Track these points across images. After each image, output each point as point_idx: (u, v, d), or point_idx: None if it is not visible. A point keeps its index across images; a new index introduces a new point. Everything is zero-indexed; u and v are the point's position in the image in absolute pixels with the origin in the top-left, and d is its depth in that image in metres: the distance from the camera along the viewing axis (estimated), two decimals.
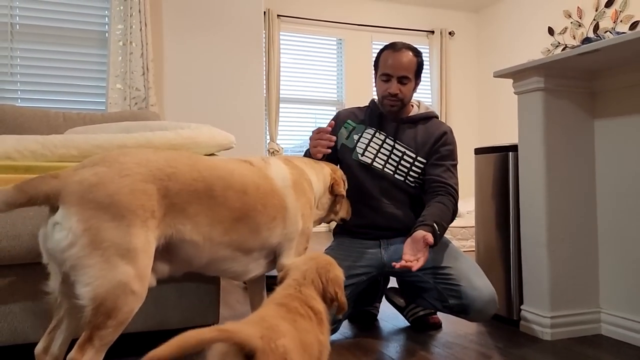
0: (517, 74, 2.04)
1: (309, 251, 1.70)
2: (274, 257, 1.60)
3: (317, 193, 1.76)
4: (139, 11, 3.86)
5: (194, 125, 2.14)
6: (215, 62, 4.42)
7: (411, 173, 2.02)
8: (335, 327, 1.96)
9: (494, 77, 2.14)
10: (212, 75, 4.43)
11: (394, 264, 1.65)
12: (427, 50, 6.38)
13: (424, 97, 6.28)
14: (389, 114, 2.06)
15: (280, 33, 5.73)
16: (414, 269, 1.60)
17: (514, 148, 2.14)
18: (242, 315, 2.29)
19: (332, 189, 1.86)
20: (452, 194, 1.94)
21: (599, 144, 2.03)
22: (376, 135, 2.07)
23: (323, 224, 5.79)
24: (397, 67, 1.98)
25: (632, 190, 1.90)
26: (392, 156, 2.03)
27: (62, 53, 3.91)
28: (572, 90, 2.01)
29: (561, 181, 1.99)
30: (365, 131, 2.09)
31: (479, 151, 2.33)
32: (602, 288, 2.01)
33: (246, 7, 4.52)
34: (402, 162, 2.02)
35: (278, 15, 5.67)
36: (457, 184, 1.98)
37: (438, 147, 2.02)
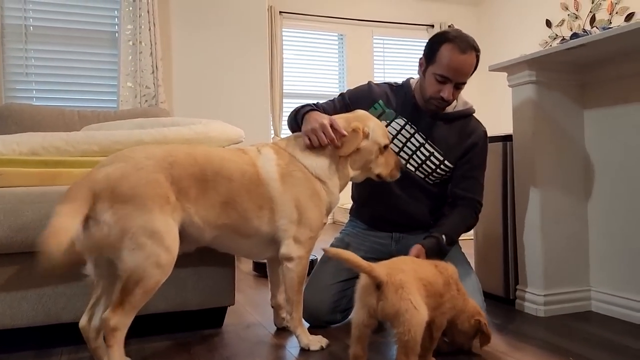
0: (510, 68, 2.16)
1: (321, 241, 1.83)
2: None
3: (321, 171, 1.71)
4: (148, 11, 3.99)
5: (205, 121, 2.25)
6: (221, 59, 4.55)
7: (434, 174, 1.97)
8: None
9: (489, 71, 2.26)
10: (219, 72, 4.55)
11: None
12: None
13: None
14: (428, 112, 1.94)
15: (283, 29, 5.84)
16: None
17: (509, 138, 2.26)
18: (253, 300, 2.43)
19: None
20: (476, 209, 1.95)
21: (588, 133, 2.15)
22: (406, 128, 1.96)
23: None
24: (460, 73, 1.83)
25: (619, 176, 2.02)
26: (418, 153, 1.96)
27: (74, 53, 4.05)
28: (562, 82, 2.13)
29: (553, 168, 2.11)
30: (396, 120, 1.97)
31: None
32: (592, 268, 2.13)
33: (250, 4, 4.64)
34: (428, 162, 1.96)
35: (280, 12, 5.77)
36: (482, 196, 1.97)
37: (471, 156, 1.95)
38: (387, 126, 1.95)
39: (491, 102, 6.19)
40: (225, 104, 4.49)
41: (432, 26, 6.48)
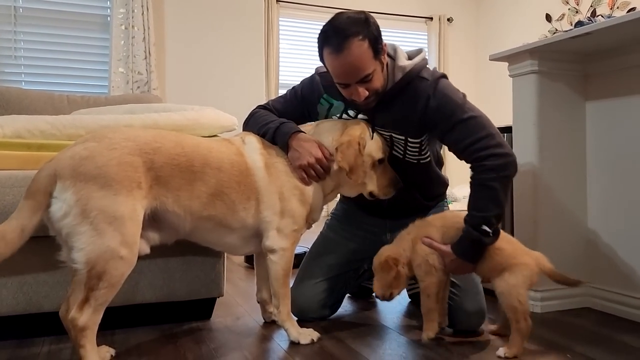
0: (512, 57, 2.10)
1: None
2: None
3: None
4: None
5: (198, 108, 2.20)
6: (216, 47, 4.47)
7: (408, 152, 1.76)
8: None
9: (490, 60, 2.20)
10: (213, 60, 4.48)
11: None
12: (426, 37, 6.42)
13: None
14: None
15: (280, 18, 5.75)
16: None
17: (508, 130, 2.21)
18: (243, 291, 2.37)
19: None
20: (486, 170, 1.55)
21: (590, 124, 2.10)
22: (359, 118, 1.78)
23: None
24: (350, 73, 1.57)
25: (620, 170, 1.97)
26: (385, 136, 1.76)
27: (64, 37, 3.96)
28: (564, 72, 2.07)
29: (553, 161, 2.06)
30: (348, 111, 1.79)
31: None
32: (590, 263, 2.09)
33: None
34: (395, 142, 1.76)
35: (277, 1, 5.68)
36: (489, 145, 1.55)
37: (437, 123, 1.63)
38: (339, 118, 1.80)
39: (490, 92, 6.14)
40: (219, 92, 4.42)
41: (431, 19, 6.41)
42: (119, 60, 3.90)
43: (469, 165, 1.63)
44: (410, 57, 1.72)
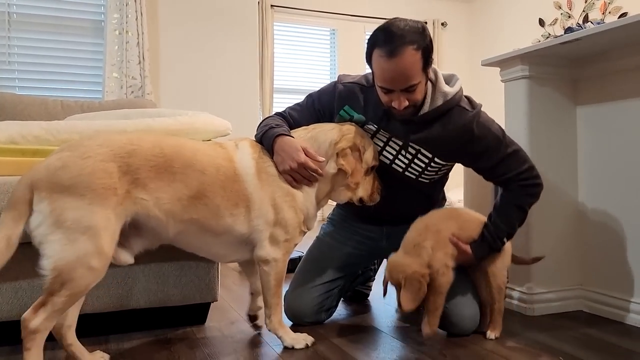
0: (503, 63, 2.12)
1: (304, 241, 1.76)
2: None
3: None
4: (135, 0, 3.91)
5: (192, 112, 2.20)
6: (210, 51, 4.48)
7: (426, 172, 1.79)
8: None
9: (482, 65, 2.22)
10: (208, 64, 4.49)
11: None
12: None
13: None
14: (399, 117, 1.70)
15: (274, 23, 5.77)
16: None
17: None
18: (238, 296, 2.37)
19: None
20: (522, 184, 1.72)
21: (580, 128, 2.12)
22: (378, 136, 1.78)
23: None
24: (397, 80, 1.56)
25: (611, 173, 1.99)
26: (401, 156, 1.78)
27: (59, 42, 3.98)
28: (555, 77, 2.09)
29: (545, 165, 2.07)
30: (367, 125, 1.77)
31: None
32: (583, 267, 2.11)
33: None
34: (416, 160, 1.77)
35: (272, 6, 5.70)
36: (524, 166, 1.71)
37: (478, 153, 1.71)
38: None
39: (484, 95, 6.19)
40: (213, 97, 4.43)
41: (425, 23, 6.43)
42: (113, 65, 3.91)
43: (504, 186, 1.76)
44: (446, 81, 1.74)
